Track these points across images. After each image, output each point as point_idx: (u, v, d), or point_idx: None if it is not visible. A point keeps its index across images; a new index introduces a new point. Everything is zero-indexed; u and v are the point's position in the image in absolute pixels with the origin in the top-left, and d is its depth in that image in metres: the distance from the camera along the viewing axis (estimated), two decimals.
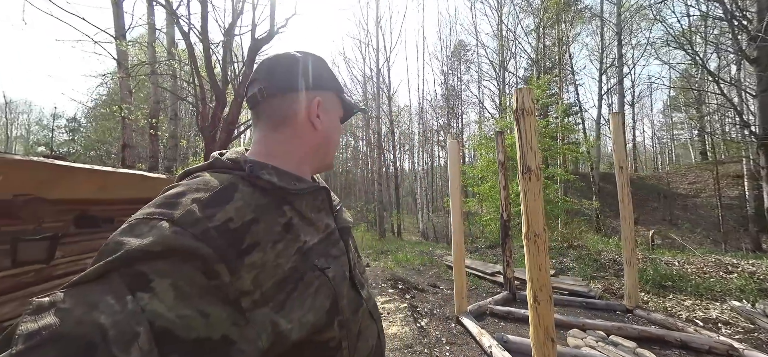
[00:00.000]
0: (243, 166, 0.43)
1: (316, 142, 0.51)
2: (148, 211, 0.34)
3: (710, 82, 11.31)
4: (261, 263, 0.35)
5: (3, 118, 26.21)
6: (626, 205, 3.36)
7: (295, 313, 0.36)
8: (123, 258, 0.28)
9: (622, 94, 11.98)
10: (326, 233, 0.48)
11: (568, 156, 11.66)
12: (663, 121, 26.32)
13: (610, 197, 12.69)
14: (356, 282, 0.50)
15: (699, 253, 5.39)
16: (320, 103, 0.51)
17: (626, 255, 3.42)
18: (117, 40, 4.84)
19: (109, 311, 0.25)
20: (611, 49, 13.68)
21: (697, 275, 4.32)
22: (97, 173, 1.65)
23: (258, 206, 0.39)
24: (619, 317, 3.34)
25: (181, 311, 0.28)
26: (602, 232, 9.27)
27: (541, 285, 1.77)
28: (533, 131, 1.80)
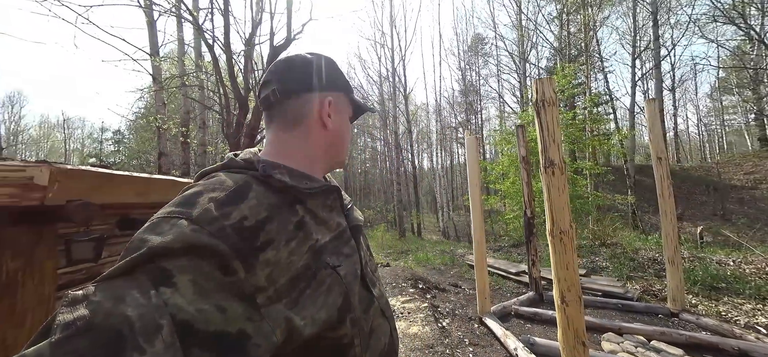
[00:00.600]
0: (256, 166, 0.44)
1: (327, 141, 0.52)
2: (168, 209, 0.35)
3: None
4: (275, 260, 0.36)
5: (62, 133, 29.50)
6: (667, 199, 3.08)
7: (308, 310, 0.37)
8: (146, 255, 0.30)
9: (659, 79, 10.96)
10: (338, 232, 0.48)
11: (598, 148, 10.90)
12: (710, 106, 23.81)
13: (648, 191, 11.67)
14: (368, 280, 0.51)
15: (759, 252, 4.80)
16: (332, 102, 0.52)
17: (668, 253, 3.13)
18: (152, 57, 5.25)
19: (135, 304, 0.27)
20: (645, 31, 12.60)
21: (758, 276, 3.85)
22: (135, 180, 1.80)
23: (271, 205, 0.40)
24: (662, 321, 3.06)
25: (200, 305, 0.29)
26: (640, 229, 8.54)
27: (568, 285, 1.66)
28: (555, 123, 1.70)
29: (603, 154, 14.33)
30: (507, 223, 8.85)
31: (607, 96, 11.62)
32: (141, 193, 1.94)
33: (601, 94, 11.48)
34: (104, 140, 19.46)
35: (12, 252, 1.55)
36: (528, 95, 12.90)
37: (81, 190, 1.65)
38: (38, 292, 1.52)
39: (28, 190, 1.37)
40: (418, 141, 23.16)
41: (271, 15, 4.56)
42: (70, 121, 32.82)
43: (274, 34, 4.52)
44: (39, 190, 1.37)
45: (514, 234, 8.28)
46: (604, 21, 13.50)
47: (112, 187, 1.77)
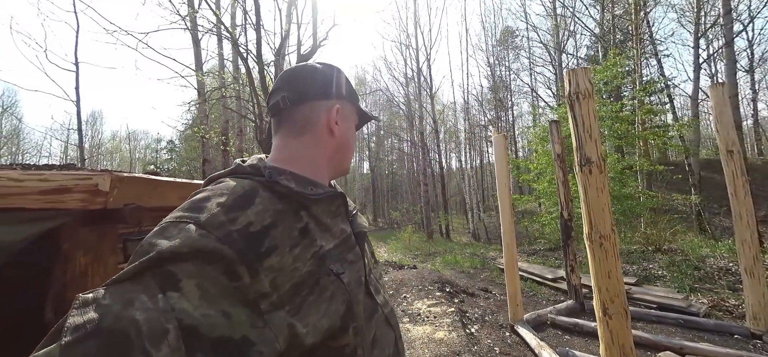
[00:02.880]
0: (263, 172, 0.44)
1: (333, 148, 0.53)
2: (177, 214, 0.36)
3: None
4: (279, 266, 0.36)
5: (128, 145, 33.92)
6: (742, 198, 2.63)
7: (310, 318, 0.37)
8: (155, 259, 0.30)
9: (732, 60, 9.38)
10: (342, 238, 0.48)
11: (651, 142, 9.69)
12: None
13: (717, 189, 10.04)
14: (371, 287, 0.50)
15: None
16: (339, 110, 0.52)
17: (745, 263, 2.66)
18: (196, 73, 5.81)
19: (142, 308, 0.27)
20: (712, 4, 10.94)
21: None
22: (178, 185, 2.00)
23: (276, 211, 0.40)
24: (739, 343, 2.61)
25: (205, 310, 0.29)
26: (708, 233, 7.40)
27: (611, 295, 1.49)
28: (592, 117, 1.53)
29: (658, 149, 12.70)
30: (543, 225, 8.26)
31: (661, 84, 10.30)
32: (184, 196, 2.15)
33: (655, 82, 10.19)
34: (160, 150, 21.97)
35: (83, 249, 1.82)
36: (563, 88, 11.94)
37: (134, 195, 1.88)
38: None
39: (94, 195, 1.60)
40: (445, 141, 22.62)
41: (298, 26, 4.80)
42: (134, 134, 37.62)
43: (301, 44, 4.75)
44: (102, 195, 1.59)
45: (551, 237, 7.69)
46: None
47: (158, 192, 1.99)
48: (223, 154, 6.55)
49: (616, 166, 6.57)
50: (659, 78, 10.43)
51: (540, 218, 8.29)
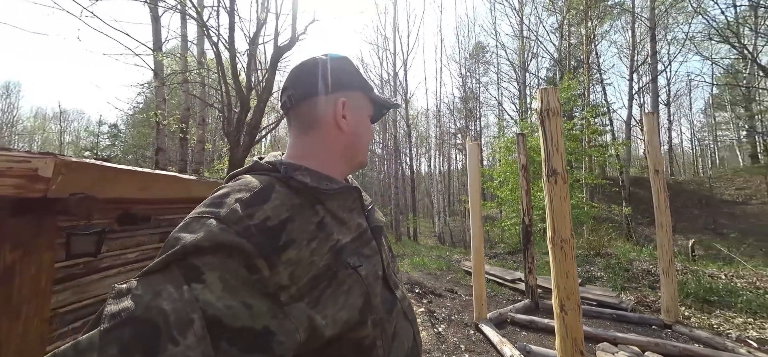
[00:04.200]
0: (279, 168, 0.45)
1: (344, 142, 0.52)
2: (200, 210, 0.37)
3: (762, 78, 10.28)
4: (297, 260, 0.37)
5: (57, 125, 29.11)
6: (663, 211, 3.12)
7: (329, 310, 0.37)
8: (179, 252, 0.32)
9: (656, 93, 11.17)
10: (358, 232, 0.48)
11: (594, 159, 11.03)
12: (704, 121, 24.28)
13: (642, 203, 11.82)
14: (390, 282, 0.51)
15: (750, 266, 4.88)
16: (345, 103, 0.51)
17: (663, 265, 3.17)
18: (154, 52, 5.23)
19: (170, 299, 0.29)
20: (643, 45, 12.84)
21: (749, 290, 3.91)
22: (138, 175, 1.79)
23: (293, 206, 0.41)
24: (655, 332, 3.09)
25: (227, 301, 0.31)
26: (634, 240, 8.63)
27: (568, 293, 1.68)
28: (559, 132, 1.72)
29: (599, 165, 14.52)
30: (503, 230, 8.90)
31: (604, 108, 11.81)
32: (143, 188, 1.92)
33: (600, 106, 11.65)
34: (100, 134, 19.24)
35: (11, 243, 1.53)
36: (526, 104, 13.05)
37: (84, 184, 1.64)
38: (34, 285, 1.49)
39: (32, 181, 1.35)
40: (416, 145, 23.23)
41: (276, 15, 4.58)
42: (67, 114, 32.43)
43: (278, 35, 4.54)
44: (43, 181, 1.35)
45: (510, 241, 8.32)
46: (604, 35, 13.73)
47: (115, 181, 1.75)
48: (182, 144, 5.97)
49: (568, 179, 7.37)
50: (603, 103, 11.94)
51: (501, 223, 8.92)
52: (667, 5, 11.43)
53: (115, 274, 1.90)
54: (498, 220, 9.99)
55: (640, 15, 11.76)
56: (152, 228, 2.22)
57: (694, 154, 24.89)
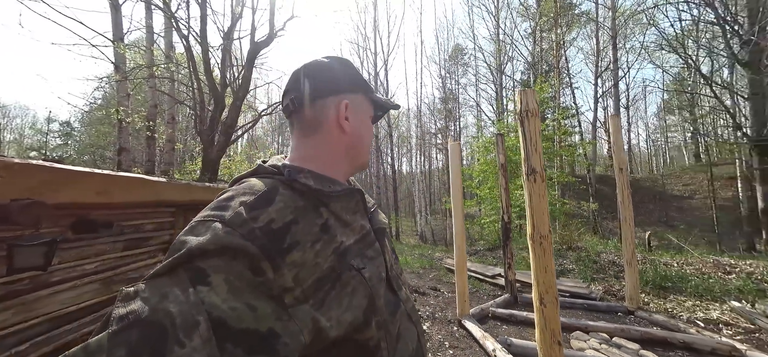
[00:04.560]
0: (282, 171, 0.46)
1: (346, 144, 0.53)
2: (205, 213, 0.38)
3: (703, 85, 11.52)
4: (301, 262, 0.37)
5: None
6: (626, 206, 3.38)
7: (333, 312, 0.38)
8: (185, 255, 0.32)
9: (617, 98, 12.14)
10: (362, 234, 0.49)
11: (565, 158, 11.75)
12: (657, 124, 26.70)
13: (606, 199, 12.78)
14: (393, 284, 0.51)
15: (697, 254, 5.43)
16: (348, 105, 0.52)
17: (627, 256, 3.43)
18: (115, 44, 4.80)
19: (176, 301, 0.29)
20: (606, 52, 13.87)
21: (696, 276, 4.34)
22: (96, 177, 1.62)
23: (297, 208, 0.42)
24: (621, 319, 3.33)
25: (232, 303, 0.31)
26: (600, 234, 9.31)
27: (547, 287, 1.76)
28: (538, 133, 1.80)
29: (569, 164, 15.49)
30: (483, 228, 9.21)
31: (573, 110, 12.61)
32: (103, 191, 1.74)
33: (569, 108, 12.41)
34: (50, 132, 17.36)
35: None
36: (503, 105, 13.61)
37: (30, 188, 1.45)
38: None
39: None
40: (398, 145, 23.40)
41: (253, 10, 4.39)
42: (7, 109, 28.90)
43: (255, 30, 4.35)
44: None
45: (489, 238, 8.62)
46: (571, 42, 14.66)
47: (67, 184, 1.57)
48: (148, 143, 5.53)
49: None
50: (572, 105, 12.74)
51: (480, 221, 9.22)
52: (625, 16, 12.43)
53: (70, 288, 1.71)
54: (477, 218, 10.32)
55: (603, 24, 12.69)
56: (115, 235, 2.03)
57: (649, 154, 27.34)
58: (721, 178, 12.89)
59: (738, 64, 9.08)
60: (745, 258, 5.42)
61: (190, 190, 2.68)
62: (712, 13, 9.55)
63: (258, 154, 8.17)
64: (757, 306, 3.41)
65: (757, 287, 3.91)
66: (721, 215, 11.21)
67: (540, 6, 13.84)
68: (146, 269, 2.30)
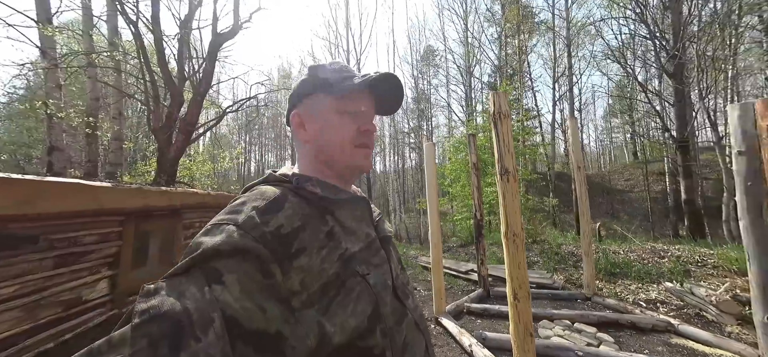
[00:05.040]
0: (291, 179, 0.48)
1: (313, 152, 0.52)
2: (219, 218, 0.39)
3: (639, 92, 13.11)
4: (308, 267, 0.39)
5: None
6: (584, 201, 3.69)
7: (338, 318, 0.38)
8: (201, 256, 0.34)
9: (572, 101, 13.34)
10: (367, 242, 0.50)
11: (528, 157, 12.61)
12: (604, 126, 29.80)
13: (563, 194, 13.98)
14: (399, 292, 0.51)
15: (637, 242, 6.14)
16: (299, 114, 0.53)
17: (584, 247, 3.75)
18: (40, 25, 4.10)
19: (193, 299, 0.31)
20: (562, 60, 15.14)
21: (638, 262, 4.90)
22: (16, 184, 1.35)
23: (304, 215, 0.43)
24: (580, 305, 3.64)
25: (244, 303, 0.32)
26: (558, 227, 10.15)
27: (520, 282, 1.83)
28: (510, 135, 1.87)
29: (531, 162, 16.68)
30: (455, 225, 9.53)
31: (535, 112, 13.57)
32: (27, 200, 1.47)
33: (531, 110, 13.34)
34: None
35: None
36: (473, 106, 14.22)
37: None
38: None
39: None
40: None
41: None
42: None
43: (217, 20, 4.01)
44: None
45: (461, 235, 8.95)
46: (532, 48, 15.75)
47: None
48: (88, 142, 4.83)
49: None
50: (534, 107, 13.70)
51: (452, 218, 9.54)
52: (577, 28, 13.67)
53: None
54: (449, 215, 10.67)
55: (559, 33, 13.83)
56: (43, 251, 1.72)
57: (598, 153, 30.48)
58: (653, 173, 14.77)
59: (665, 75, 10.46)
60: (674, 243, 6.25)
61: (143, 195, 2.38)
62: (645, 29, 10.90)
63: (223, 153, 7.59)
64: (684, 285, 3.93)
65: (683, 268, 4.52)
66: (653, 206, 12.86)
67: (505, 13, 14.68)
68: (86, 288, 2.00)
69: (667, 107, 10.66)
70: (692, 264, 4.68)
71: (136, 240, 2.44)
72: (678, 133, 9.69)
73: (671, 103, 10.03)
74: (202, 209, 3.50)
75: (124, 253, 2.29)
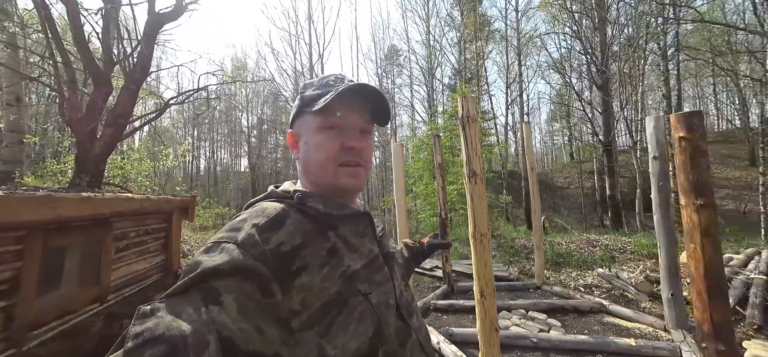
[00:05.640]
0: (293, 196, 0.47)
1: (301, 170, 0.53)
2: (219, 236, 0.39)
3: (575, 100, 14.97)
4: (309, 285, 0.38)
5: None
6: (536, 198, 4.04)
7: (339, 339, 0.37)
8: (199, 275, 0.33)
9: (522, 106, 14.65)
10: (370, 259, 0.48)
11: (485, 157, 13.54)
12: (547, 129, 33.45)
13: (514, 191, 15.34)
14: (403, 311, 0.49)
15: (575, 234, 6.98)
16: (293, 134, 0.53)
17: (536, 241, 4.11)
18: None
19: (189, 320, 0.30)
20: (513, 67, 16.54)
21: (577, 251, 5.57)
22: None
23: (306, 231, 0.42)
24: (532, 294, 3.98)
25: (241, 324, 0.32)
26: (511, 222, 11.09)
27: (486, 281, 1.90)
28: (477, 138, 1.92)
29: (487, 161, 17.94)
30: (419, 223, 9.79)
31: (491, 115, 14.59)
32: None
33: (487, 113, 14.31)
34: None
35: None
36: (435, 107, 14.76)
37: None
38: None
39: None
40: None
41: None
42: None
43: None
44: None
45: (425, 232, 9.22)
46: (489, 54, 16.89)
47: None
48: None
49: None
50: (490, 110, 14.72)
51: (416, 216, 9.79)
52: (526, 39, 15.06)
53: None
54: (413, 213, 10.93)
55: (511, 43, 15.07)
56: None
57: (542, 153, 34.13)
58: (586, 172, 17.02)
59: (595, 86, 12.12)
60: (602, 233, 7.25)
61: (54, 203, 1.93)
62: (579, 45, 12.49)
63: (165, 150, 6.68)
64: (612, 270, 4.57)
65: (610, 255, 5.26)
66: (585, 201, 14.83)
67: (464, 19, 15.49)
68: None
69: (596, 115, 12.33)
70: (616, 251, 5.47)
71: (44, 258, 1.97)
72: (604, 138, 11.29)
73: (600, 111, 11.66)
74: (139, 217, 3.00)
75: (26, 277, 1.83)
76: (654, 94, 16.41)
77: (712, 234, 1.64)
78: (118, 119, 3.37)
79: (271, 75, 17.55)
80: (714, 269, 1.62)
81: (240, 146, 25.13)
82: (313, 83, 0.52)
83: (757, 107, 13.74)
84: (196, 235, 9.22)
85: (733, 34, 10.62)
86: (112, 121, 3.32)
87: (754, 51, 8.24)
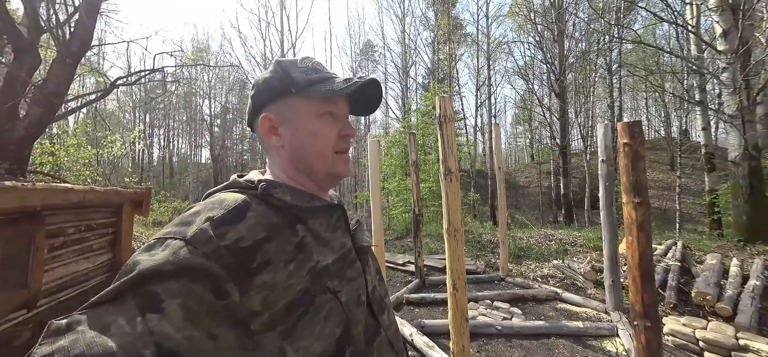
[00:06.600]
0: (257, 186, 0.43)
1: (287, 158, 0.48)
2: (165, 230, 0.35)
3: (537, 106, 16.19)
4: (271, 284, 0.35)
5: None
6: (502, 198, 4.30)
7: (303, 342, 0.35)
8: (136, 278, 0.29)
9: (490, 108, 15.46)
10: (341, 253, 0.46)
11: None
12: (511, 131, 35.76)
13: (481, 189, 16.21)
14: (375, 307, 0.48)
15: (535, 229, 7.59)
16: (271, 118, 0.48)
17: (501, 236, 4.39)
18: None
19: (119, 333, 0.26)
20: (483, 71, 17.36)
21: (536, 245, 6.06)
22: None
23: (270, 225, 0.39)
24: (497, 286, 4.26)
25: (189, 332, 0.28)
26: (478, 218, 11.72)
27: (458, 274, 1.99)
28: (453, 136, 1.99)
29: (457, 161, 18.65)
30: (391, 219, 9.91)
31: (462, 115, 15.17)
32: None
33: (458, 113, 14.86)
34: None
35: None
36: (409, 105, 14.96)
37: None
38: None
39: None
40: None
41: None
42: None
43: None
44: None
45: (397, 228, 9.36)
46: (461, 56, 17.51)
47: None
48: None
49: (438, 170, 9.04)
50: (461, 111, 15.30)
51: (389, 212, 9.89)
52: (495, 45, 15.88)
53: None
54: (386, 209, 11.04)
55: (481, 47, 15.78)
56: None
57: (507, 154, 36.49)
58: (544, 172, 18.53)
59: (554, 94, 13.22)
60: (557, 228, 7.98)
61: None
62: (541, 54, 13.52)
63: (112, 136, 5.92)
64: (565, 261, 5.06)
65: (563, 248, 5.81)
66: (542, 199, 16.18)
67: (438, 20, 15.85)
68: None
69: (554, 120, 13.45)
70: (569, 244, 6.06)
71: None
72: (561, 141, 12.39)
73: (557, 117, 12.76)
74: (80, 211, 2.63)
75: None
76: (601, 103, 18.40)
77: (646, 228, 1.88)
78: (50, 97, 2.90)
79: (238, 61, 16.39)
80: (646, 259, 1.86)
81: (201, 135, 23.16)
82: (296, 64, 0.48)
83: (677, 120, 16.10)
84: (149, 231, 8.36)
85: (661, 56, 12.25)
86: (41, 98, 2.85)
87: (676, 72, 9.60)
